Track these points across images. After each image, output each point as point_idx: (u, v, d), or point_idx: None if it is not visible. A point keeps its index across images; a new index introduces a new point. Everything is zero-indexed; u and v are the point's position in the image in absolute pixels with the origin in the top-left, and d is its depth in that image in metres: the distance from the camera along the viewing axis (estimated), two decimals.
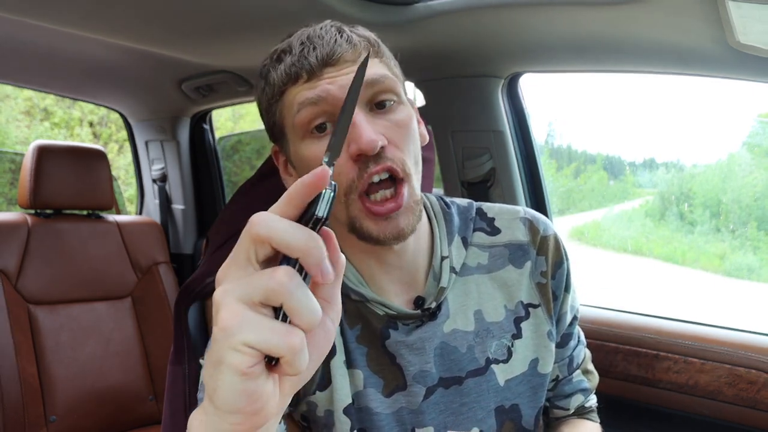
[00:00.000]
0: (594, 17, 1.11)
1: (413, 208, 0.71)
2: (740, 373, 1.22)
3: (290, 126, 0.73)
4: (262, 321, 0.39)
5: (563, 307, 0.85)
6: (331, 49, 0.69)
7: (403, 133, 0.71)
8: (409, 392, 0.78)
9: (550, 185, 1.81)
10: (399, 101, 0.73)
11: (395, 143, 0.70)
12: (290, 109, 0.72)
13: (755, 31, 0.98)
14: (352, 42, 0.70)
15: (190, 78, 1.84)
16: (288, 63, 0.71)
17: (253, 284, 0.39)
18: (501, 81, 1.52)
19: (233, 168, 3.03)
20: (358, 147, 0.66)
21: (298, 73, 0.70)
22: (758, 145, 1.95)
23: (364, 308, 0.79)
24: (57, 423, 1.75)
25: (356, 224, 0.71)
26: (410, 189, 0.71)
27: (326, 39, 0.70)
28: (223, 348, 0.39)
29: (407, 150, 0.71)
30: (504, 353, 0.81)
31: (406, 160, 0.70)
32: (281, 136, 0.77)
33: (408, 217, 0.70)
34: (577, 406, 0.91)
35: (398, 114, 0.72)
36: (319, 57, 0.69)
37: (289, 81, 0.71)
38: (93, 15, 1.27)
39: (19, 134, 6.27)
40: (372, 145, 0.66)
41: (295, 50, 0.71)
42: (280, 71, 0.71)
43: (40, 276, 1.85)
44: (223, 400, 0.40)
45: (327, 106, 0.69)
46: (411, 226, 0.71)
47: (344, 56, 0.69)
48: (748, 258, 2.09)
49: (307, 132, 0.71)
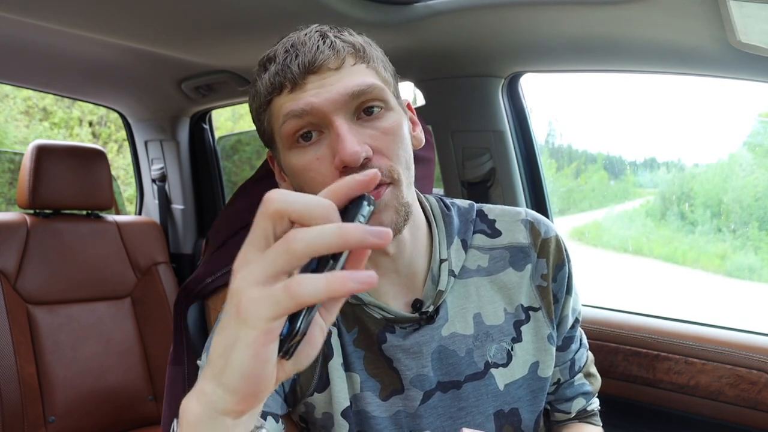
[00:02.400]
0: (594, 17, 1.11)
1: (397, 208, 0.70)
2: (741, 373, 1.22)
3: (278, 135, 0.73)
4: (280, 291, 0.39)
5: (564, 310, 0.85)
6: (312, 56, 0.68)
7: (390, 140, 0.70)
8: (407, 396, 0.78)
9: (551, 185, 1.80)
10: (387, 107, 0.71)
11: (382, 151, 0.69)
12: (277, 119, 0.72)
13: (756, 31, 0.98)
14: (335, 48, 0.69)
15: (189, 78, 1.83)
16: (272, 72, 0.70)
17: (270, 258, 0.40)
18: (501, 81, 1.52)
19: (233, 168, 3.03)
20: (341, 159, 0.66)
21: (282, 83, 0.69)
22: (759, 145, 1.95)
23: (360, 311, 0.78)
24: (56, 423, 1.75)
25: None
26: (395, 191, 0.70)
27: (308, 46, 0.69)
28: (241, 328, 0.40)
29: (396, 156, 0.70)
30: (504, 357, 0.80)
31: (394, 167, 0.70)
32: (272, 143, 0.77)
33: (390, 215, 0.69)
34: (578, 410, 0.91)
35: (385, 121, 0.71)
36: (301, 65, 0.68)
37: (274, 91, 0.71)
38: (93, 15, 1.27)
39: (19, 134, 6.27)
40: (355, 157, 0.65)
41: (279, 58, 0.70)
42: (266, 81, 0.71)
43: (39, 276, 1.85)
44: (232, 378, 0.42)
45: (311, 118, 0.68)
46: (394, 225, 0.70)
47: (326, 63, 0.68)
48: (749, 258, 2.09)
49: (293, 142, 0.71)
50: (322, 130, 0.69)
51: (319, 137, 0.69)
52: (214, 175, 2.39)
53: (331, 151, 0.68)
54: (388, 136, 0.70)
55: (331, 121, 0.67)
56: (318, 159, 0.69)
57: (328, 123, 0.68)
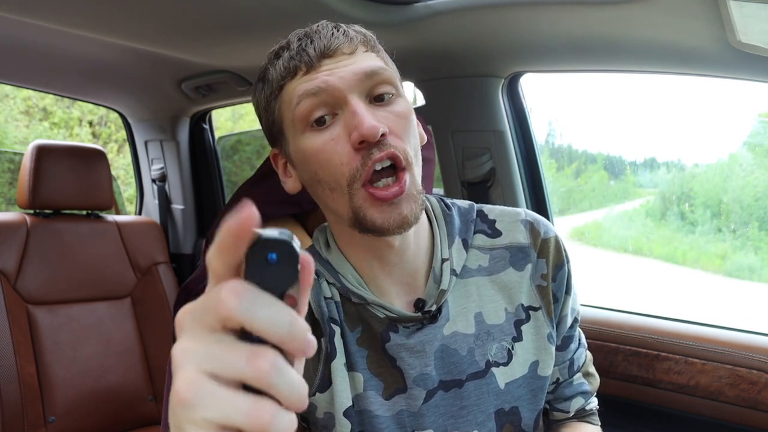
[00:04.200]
0: (594, 17, 1.11)
1: (415, 196, 0.71)
2: (741, 373, 1.22)
3: (289, 121, 0.73)
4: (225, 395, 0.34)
5: (564, 309, 0.85)
6: (328, 41, 0.70)
7: (403, 124, 0.71)
8: (409, 395, 0.78)
9: (551, 185, 1.81)
10: (398, 94, 0.73)
11: (396, 133, 0.70)
12: (289, 104, 0.72)
13: (756, 31, 0.98)
14: (348, 36, 0.72)
15: (189, 78, 1.83)
16: (286, 58, 0.72)
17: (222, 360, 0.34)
18: (501, 81, 1.52)
19: (233, 168, 3.03)
20: (360, 134, 0.66)
21: (297, 66, 0.71)
22: (759, 145, 1.95)
23: (364, 311, 0.79)
24: (56, 423, 1.75)
25: (360, 214, 0.71)
26: (412, 177, 0.71)
27: (323, 33, 0.71)
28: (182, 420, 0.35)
29: (408, 141, 0.72)
30: (504, 356, 0.81)
31: (407, 150, 0.71)
32: (280, 135, 0.77)
33: (410, 205, 0.70)
34: (577, 409, 0.91)
35: (397, 106, 0.72)
36: (317, 49, 0.70)
37: (288, 75, 0.72)
38: (93, 15, 1.27)
39: (18, 134, 6.27)
40: (374, 131, 0.66)
41: (293, 45, 0.72)
42: (279, 67, 0.72)
43: (39, 276, 1.85)
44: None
45: (326, 96, 0.69)
46: (414, 214, 0.71)
47: (341, 48, 0.70)
48: (749, 258, 2.09)
49: (307, 125, 0.71)
50: (336, 112, 0.70)
51: (332, 120, 0.70)
52: (214, 175, 2.39)
53: (346, 131, 0.68)
54: (401, 119, 0.71)
55: (346, 100, 0.68)
56: (333, 139, 0.69)
57: (343, 102, 0.69)
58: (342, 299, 0.80)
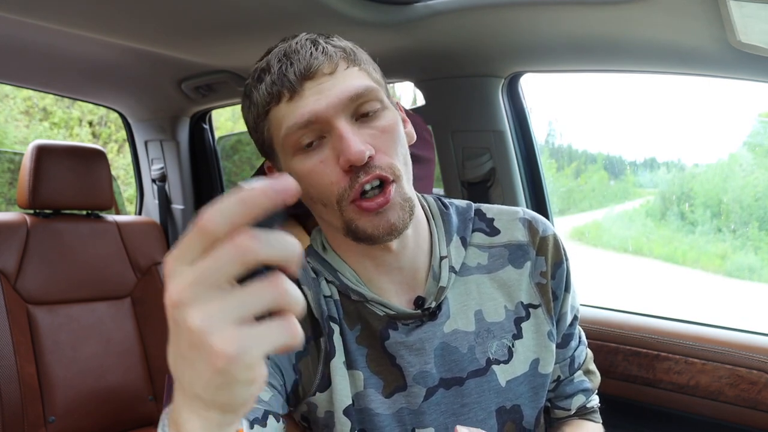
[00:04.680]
0: (594, 17, 1.11)
1: (402, 204, 0.73)
2: (741, 373, 1.22)
3: (279, 144, 0.75)
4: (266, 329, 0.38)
5: (563, 307, 0.85)
6: (308, 62, 0.71)
7: (389, 139, 0.73)
8: (409, 393, 0.78)
9: (551, 185, 1.81)
10: (382, 107, 0.74)
11: (383, 150, 0.72)
12: (278, 128, 0.73)
13: (756, 31, 0.98)
14: (327, 53, 0.72)
15: (189, 78, 1.83)
16: (268, 82, 0.72)
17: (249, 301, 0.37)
18: (501, 81, 1.52)
19: (233, 168, 3.03)
20: (347, 159, 0.68)
21: (279, 92, 0.72)
22: (759, 145, 1.95)
23: (363, 309, 0.79)
24: (56, 423, 1.75)
25: (352, 226, 0.73)
26: (398, 188, 0.72)
27: (302, 53, 0.71)
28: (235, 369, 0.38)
29: (395, 154, 0.73)
30: (505, 354, 0.81)
31: (394, 164, 0.72)
32: (271, 152, 0.78)
33: (397, 213, 0.72)
34: (578, 407, 0.91)
35: (383, 120, 0.73)
36: (297, 72, 0.70)
37: (273, 100, 0.73)
38: (93, 15, 1.27)
39: (18, 134, 6.27)
40: (360, 156, 0.68)
41: (274, 68, 0.72)
42: (262, 91, 0.73)
43: (39, 276, 1.85)
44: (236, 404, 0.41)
45: (316, 126, 0.71)
46: (402, 221, 0.72)
47: (321, 69, 0.71)
48: (749, 258, 2.09)
49: (297, 149, 0.73)
50: (323, 135, 0.72)
51: (320, 142, 0.72)
52: (214, 175, 2.39)
53: (334, 153, 0.70)
54: (387, 134, 0.73)
55: (332, 124, 0.70)
56: (322, 162, 0.71)
57: (330, 127, 0.70)
58: (341, 297, 0.80)
